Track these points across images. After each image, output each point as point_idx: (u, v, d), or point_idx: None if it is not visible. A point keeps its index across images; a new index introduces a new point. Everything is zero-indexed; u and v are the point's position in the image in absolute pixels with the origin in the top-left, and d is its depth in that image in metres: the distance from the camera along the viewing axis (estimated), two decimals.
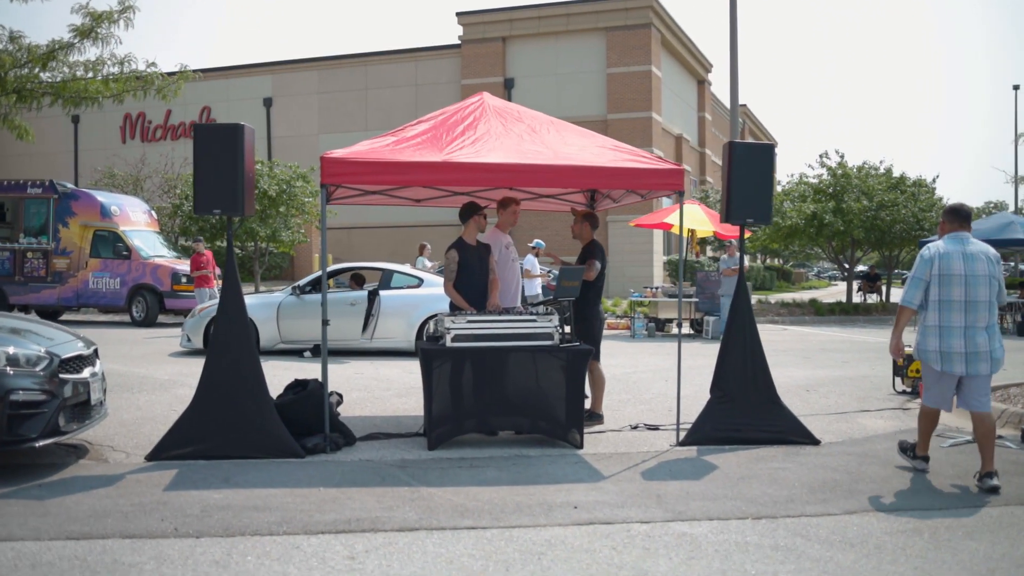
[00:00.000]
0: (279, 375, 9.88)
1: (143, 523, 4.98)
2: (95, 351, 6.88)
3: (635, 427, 7.91)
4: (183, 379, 10.66)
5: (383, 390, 10.13)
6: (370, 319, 13.17)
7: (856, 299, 28.30)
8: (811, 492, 5.74)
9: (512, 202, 7.84)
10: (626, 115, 32.15)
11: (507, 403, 7.02)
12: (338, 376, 10.60)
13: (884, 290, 29.50)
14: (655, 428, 7.86)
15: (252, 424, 6.63)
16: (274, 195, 23.82)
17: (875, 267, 32.13)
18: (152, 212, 22.91)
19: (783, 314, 23.16)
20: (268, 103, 37.76)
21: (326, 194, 7.15)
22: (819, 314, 23.65)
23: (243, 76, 38.50)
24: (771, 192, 7.36)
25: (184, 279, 19.74)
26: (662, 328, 18.71)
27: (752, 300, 7.53)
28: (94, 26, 15.03)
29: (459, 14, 34.64)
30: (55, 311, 21.39)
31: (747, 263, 17.58)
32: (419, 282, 13.66)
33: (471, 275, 7.49)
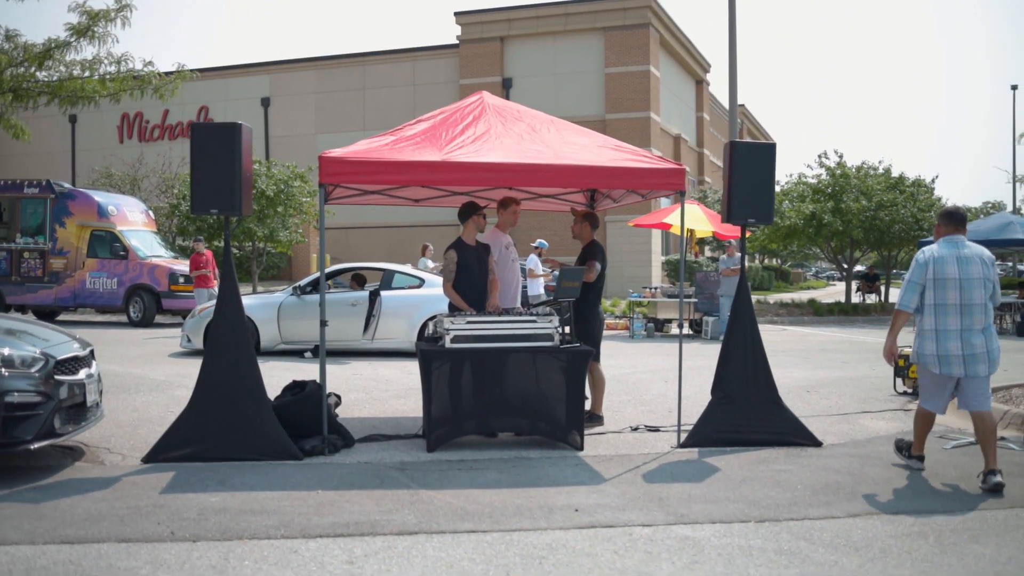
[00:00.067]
0: (279, 376, 9.81)
1: (139, 527, 4.92)
2: (91, 352, 6.82)
3: (636, 429, 7.86)
4: (180, 380, 10.60)
5: (381, 391, 10.07)
6: (371, 320, 13.12)
7: (855, 299, 28.28)
8: (814, 494, 5.69)
9: (512, 202, 7.78)
10: (624, 115, 32.09)
11: (507, 404, 6.96)
12: (336, 377, 10.54)
13: (883, 290, 29.48)
14: (656, 430, 7.81)
15: (250, 426, 6.57)
16: (272, 195, 23.73)
17: (874, 267, 32.10)
18: (149, 212, 22.82)
19: (782, 314, 23.13)
20: (266, 103, 37.68)
21: (324, 194, 7.09)
22: (818, 314, 23.61)
23: (241, 76, 38.41)
24: (773, 192, 7.30)
25: (182, 279, 19.66)
26: (661, 328, 18.67)
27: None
28: (91, 25, 14.96)
29: (457, 14, 34.58)
30: (52, 311, 21.33)
31: (746, 263, 17.50)
32: (420, 282, 13.61)
33: (470, 276, 7.43)
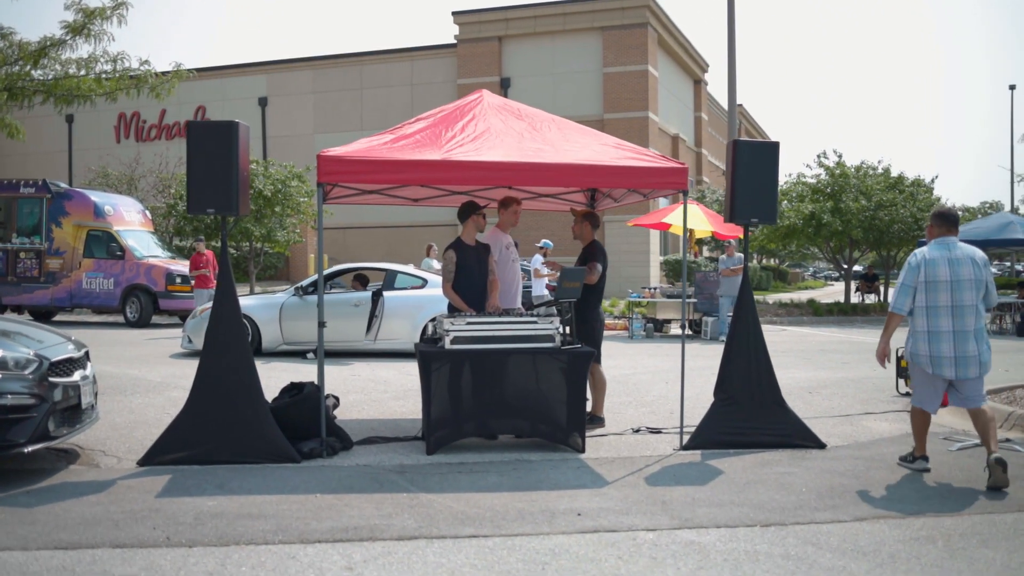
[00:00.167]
0: (277, 376, 9.74)
1: (134, 532, 4.83)
2: (86, 353, 6.73)
3: (637, 430, 7.78)
4: (177, 381, 10.50)
5: (380, 392, 9.99)
6: (374, 320, 13.03)
7: (854, 299, 28.22)
8: (820, 498, 5.61)
9: (513, 202, 7.70)
10: (622, 115, 32.03)
11: (507, 406, 6.87)
12: (334, 378, 10.45)
13: (882, 290, 29.41)
14: (657, 431, 7.73)
15: (247, 428, 6.48)
16: (269, 195, 23.63)
17: (873, 267, 32.04)
18: (146, 212, 22.71)
19: (781, 314, 23.06)
20: (263, 103, 37.58)
21: (323, 193, 7.00)
22: (817, 314, 23.54)
23: (238, 75, 38.30)
24: (776, 191, 7.22)
25: (179, 280, 19.56)
26: (660, 329, 18.60)
27: None
28: (87, 23, 14.84)
29: (455, 13, 34.51)
30: (48, 312, 21.23)
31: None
32: (423, 283, 13.52)
33: (470, 276, 7.35)
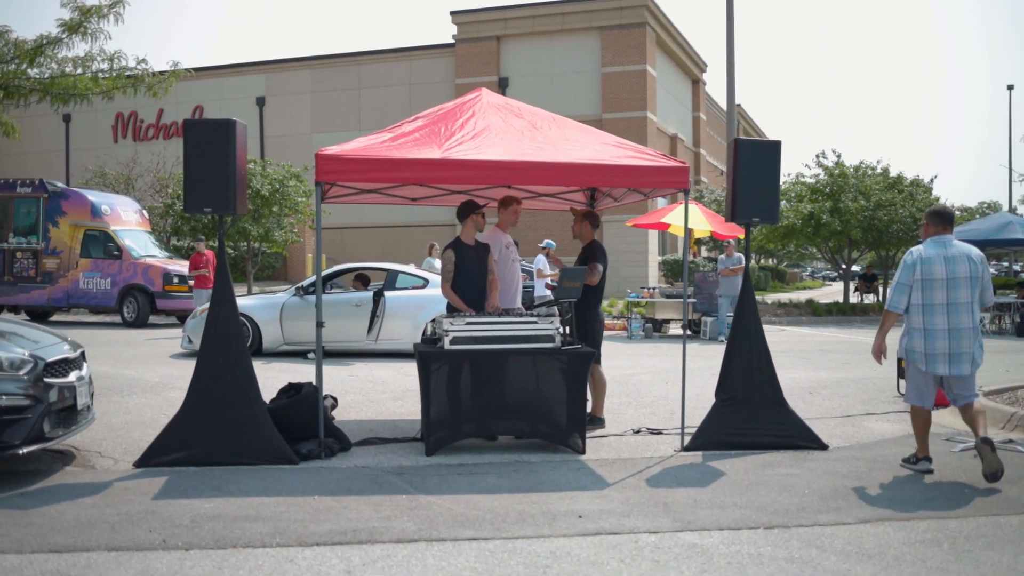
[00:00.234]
0: (278, 377, 9.69)
1: (130, 534, 4.77)
2: (82, 354, 6.67)
3: (638, 431, 7.73)
4: (174, 381, 10.43)
5: (378, 393, 9.93)
6: (375, 320, 12.97)
7: (853, 299, 28.18)
8: (823, 500, 5.56)
9: (513, 201, 7.64)
10: (621, 115, 31.96)
11: (507, 407, 6.82)
12: (332, 378, 10.39)
13: (881, 290, 29.37)
14: (658, 432, 7.67)
15: (244, 429, 6.42)
16: (267, 194, 23.54)
17: (871, 267, 32.01)
18: (144, 212, 22.63)
19: (780, 314, 23.01)
20: (261, 102, 37.47)
21: (321, 192, 6.93)
22: (816, 314, 23.51)
23: (236, 75, 38.18)
24: (777, 190, 7.18)
25: (176, 279, 19.49)
26: (659, 329, 18.55)
27: None
28: (83, 21, 14.73)
29: (453, 13, 34.43)
30: (45, 312, 21.15)
31: (743, 263, 17.39)
32: (424, 283, 13.46)
33: (469, 276, 7.29)
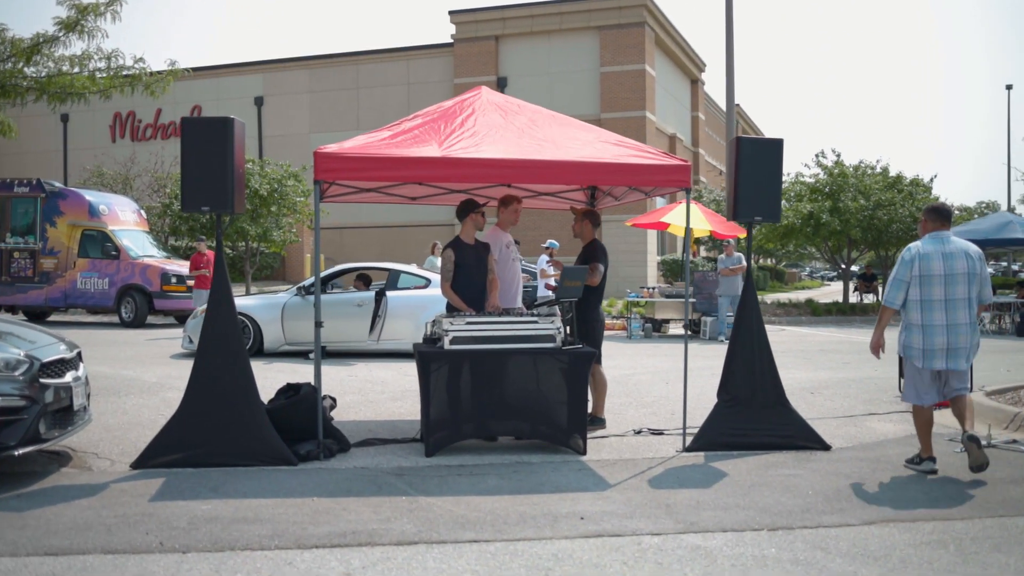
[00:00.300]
0: (276, 378, 9.62)
1: (127, 537, 4.71)
2: (78, 354, 6.61)
3: (639, 432, 7.67)
4: (172, 382, 10.37)
5: (377, 393, 9.87)
6: (377, 320, 12.92)
7: (852, 299, 28.13)
8: (827, 501, 5.50)
9: (514, 200, 7.58)
10: (620, 114, 31.90)
11: (507, 407, 6.76)
12: (331, 379, 10.33)
13: (880, 290, 29.34)
14: (659, 433, 7.62)
15: (243, 430, 6.36)
16: (265, 194, 23.47)
17: (870, 266, 31.98)
18: (141, 211, 22.56)
19: (779, 314, 22.97)
20: (259, 102, 37.39)
21: (319, 191, 6.86)
22: (816, 314, 23.47)
23: (234, 75, 38.10)
24: (779, 189, 7.12)
25: (174, 279, 19.43)
26: (659, 329, 18.50)
27: None
28: (80, 19, 14.63)
29: (452, 12, 34.36)
30: (43, 312, 21.09)
31: (744, 263, 17.37)
32: (426, 282, 13.40)
33: (469, 275, 7.24)
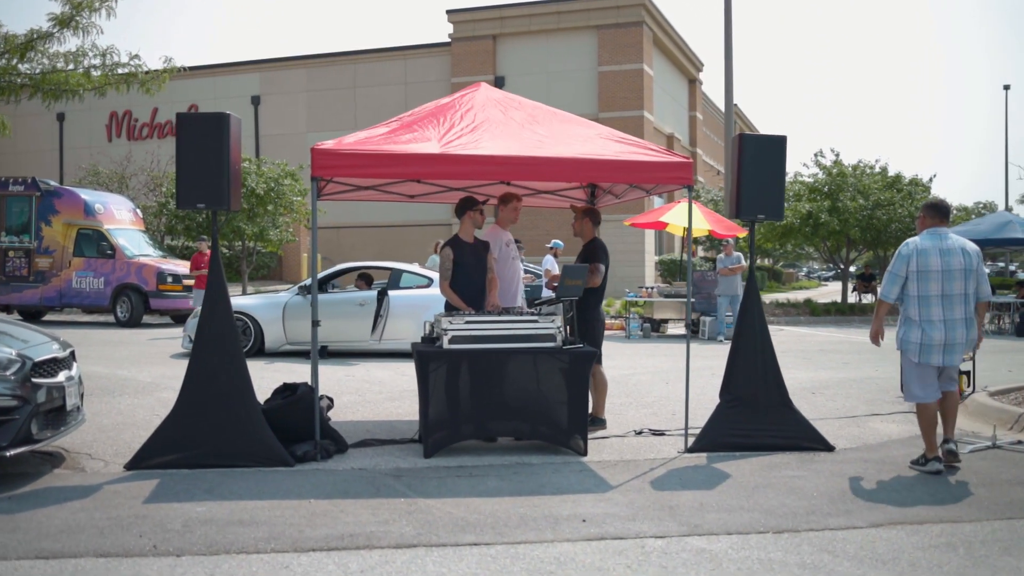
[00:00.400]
0: (273, 377, 9.52)
1: (120, 540, 4.62)
2: (72, 353, 6.51)
3: (640, 432, 7.58)
4: (167, 382, 10.27)
5: (375, 393, 9.78)
6: (379, 320, 12.82)
7: (851, 299, 28.07)
8: (832, 503, 5.42)
9: (513, 198, 7.49)
10: (618, 114, 31.79)
11: (507, 408, 6.67)
12: (328, 379, 10.23)
13: (879, 290, 29.26)
14: (660, 433, 7.53)
15: (238, 430, 6.27)
16: (262, 193, 23.38)
17: (869, 266, 31.92)
18: (137, 210, 22.46)
19: (778, 314, 22.89)
20: (256, 101, 37.27)
21: (317, 189, 6.77)
22: (814, 314, 23.40)
23: (231, 74, 37.98)
24: (783, 186, 7.05)
25: (170, 279, 19.34)
26: (657, 329, 18.42)
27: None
28: (74, 14, 14.48)
29: (449, 12, 34.28)
30: (38, 311, 20.98)
31: (743, 263, 17.33)
32: (429, 282, 13.30)
33: (468, 274, 7.15)
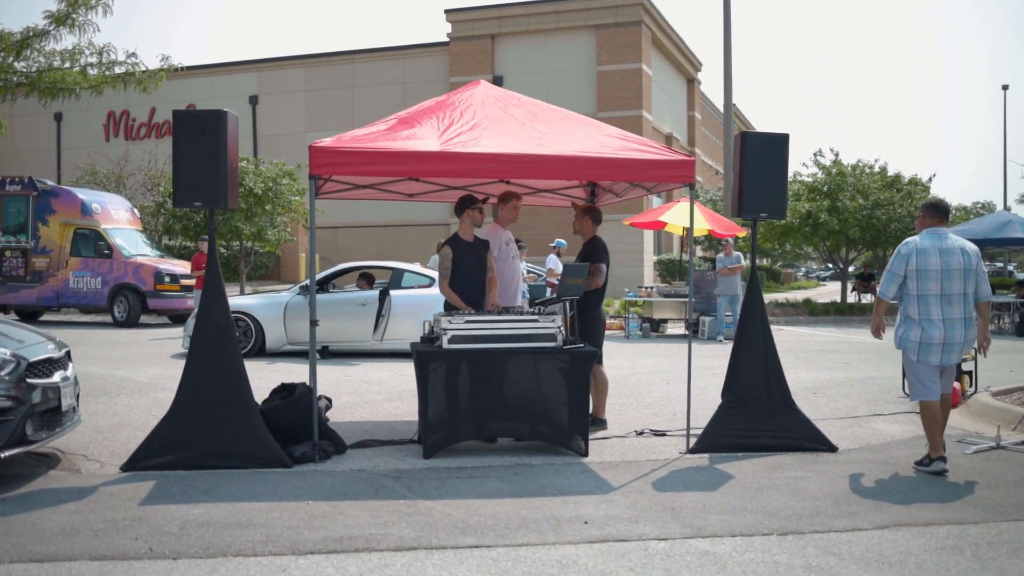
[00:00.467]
0: (273, 378, 9.45)
1: (115, 542, 4.55)
2: (67, 353, 6.44)
3: (641, 433, 7.52)
4: (164, 382, 10.20)
5: (373, 393, 9.71)
6: (381, 319, 12.75)
7: (851, 299, 28.02)
8: (836, 504, 5.36)
9: (513, 197, 7.44)
10: (616, 113, 31.71)
11: (507, 408, 6.61)
12: (326, 379, 10.16)
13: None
14: (662, 434, 7.47)
15: (236, 431, 6.20)
16: (260, 193, 23.29)
17: (868, 266, 31.89)
18: (135, 210, 22.35)
19: (777, 314, 22.83)
20: (254, 101, 37.18)
21: (315, 187, 6.70)
22: (814, 314, 23.35)
23: (229, 73, 37.89)
24: (785, 185, 6.98)
25: (167, 279, 19.26)
26: (657, 328, 18.37)
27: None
28: (70, 12, 14.37)
29: (447, 11, 34.21)
30: (35, 311, 20.89)
31: (743, 262, 17.29)
32: (431, 281, 13.24)
33: (467, 273, 7.10)
